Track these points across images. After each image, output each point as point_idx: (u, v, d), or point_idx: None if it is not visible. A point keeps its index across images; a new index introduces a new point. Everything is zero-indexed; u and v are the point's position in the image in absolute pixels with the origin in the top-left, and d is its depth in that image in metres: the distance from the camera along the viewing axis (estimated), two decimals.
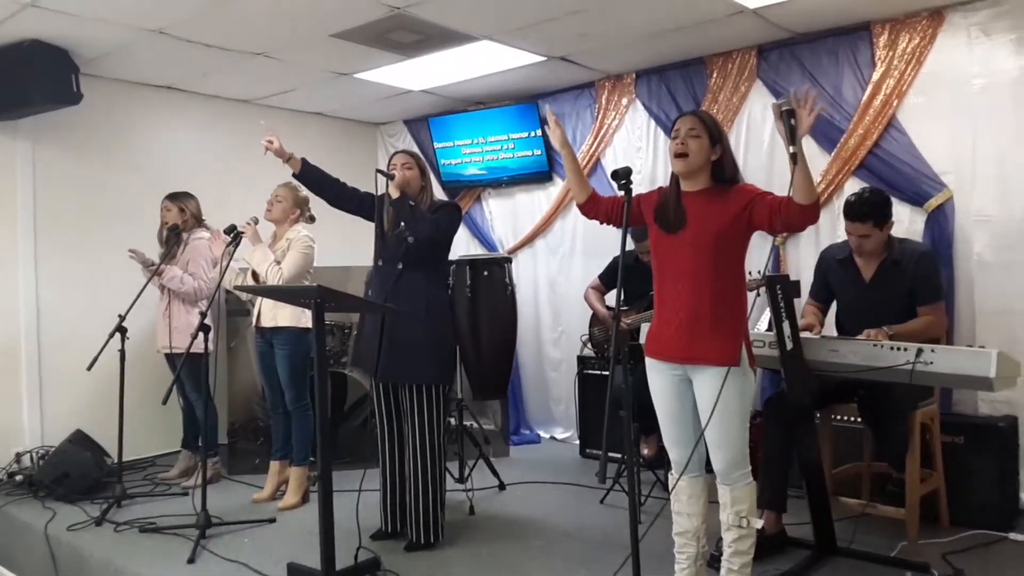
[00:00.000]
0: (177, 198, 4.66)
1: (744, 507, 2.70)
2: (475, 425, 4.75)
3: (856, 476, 3.78)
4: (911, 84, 4.13)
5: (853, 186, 4.16)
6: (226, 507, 4.04)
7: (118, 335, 4.17)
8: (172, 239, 4.60)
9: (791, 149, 2.42)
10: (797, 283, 3.55)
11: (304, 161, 3.62)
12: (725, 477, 2.70)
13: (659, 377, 2.78)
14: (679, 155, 2.67)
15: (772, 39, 4.55)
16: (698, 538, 2.80)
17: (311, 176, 3.63)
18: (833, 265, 3.54)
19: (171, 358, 4.60)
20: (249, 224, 4.03)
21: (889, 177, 4.16)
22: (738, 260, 2.72)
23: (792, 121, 2.44)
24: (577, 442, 5.32)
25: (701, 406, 2.68)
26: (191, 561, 3.41)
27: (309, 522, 3.57)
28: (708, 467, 2.79)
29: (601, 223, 3.04)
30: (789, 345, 2.92)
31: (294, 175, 3.65)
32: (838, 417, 3.78)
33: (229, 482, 4.69)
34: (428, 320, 3.45)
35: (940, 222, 4.02)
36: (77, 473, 4.35)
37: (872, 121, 4.21)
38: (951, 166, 4.02)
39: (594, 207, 2.98)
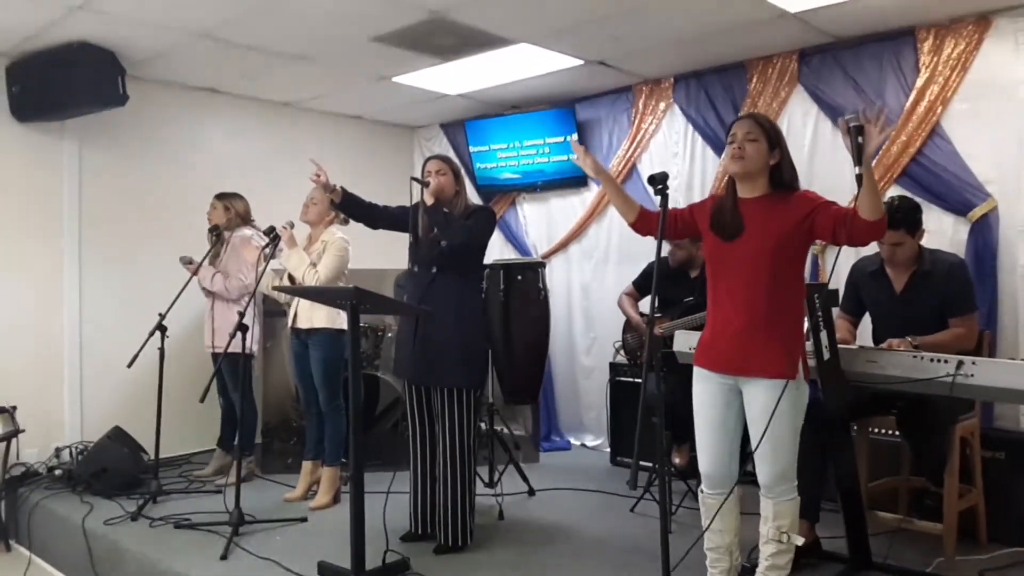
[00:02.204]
0: (224, 197, 4.73)
1: (786, 522, 2.65)
2: (506, 430, 4.74)
3: (893, 490, 3.71)
4: (956, 91, 4.05)
5: (895, 195, 4.08)
6: (259, 505, 4.09)
7: (158, 333, 4.24)
8: (213, 238, 4.67)
9: (857, 170, 2.35)
10: (836, 292, 3.48)
11: (344, 191, 3.66)
12: (769, 490, 2.65)
13: (706, 385, 2.71)
14: (736, 158, 2.61)
15: (814, 43, 4.49)
16: (731, 552, 2.76)
17: (350, 204, 3.68)
18: (864, 278, 3.48)
19: (215, 357, 4.67)
20: (285, 228, 4.08)
21: (932, 186, 4.08)
22: (797, 270, 2.65)
23: (860, 139, 2.36)
24: (608, 450, 5.29)
25: (751, 417, 2.62)
26: (224, 557, 3.45)
27: (340, 522, 3.59)
28: (743, 479, 2.76)
29: (657, 238, 2.98)
30: (826, 355, 2.87)
31: (334, 203, 3.70)
32: (875, 430, 3.72)
33: (262, 481, 4.74)
34: (461, 324, 3.45)
35: (984, 232, 3.93)
36: (115, 469, 4.43)
37: (915, 128, 4.13)
38: (996, 175, 3.93)
39: (646, 223, 2.88)
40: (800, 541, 2.70)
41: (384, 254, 5.10)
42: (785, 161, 2.63)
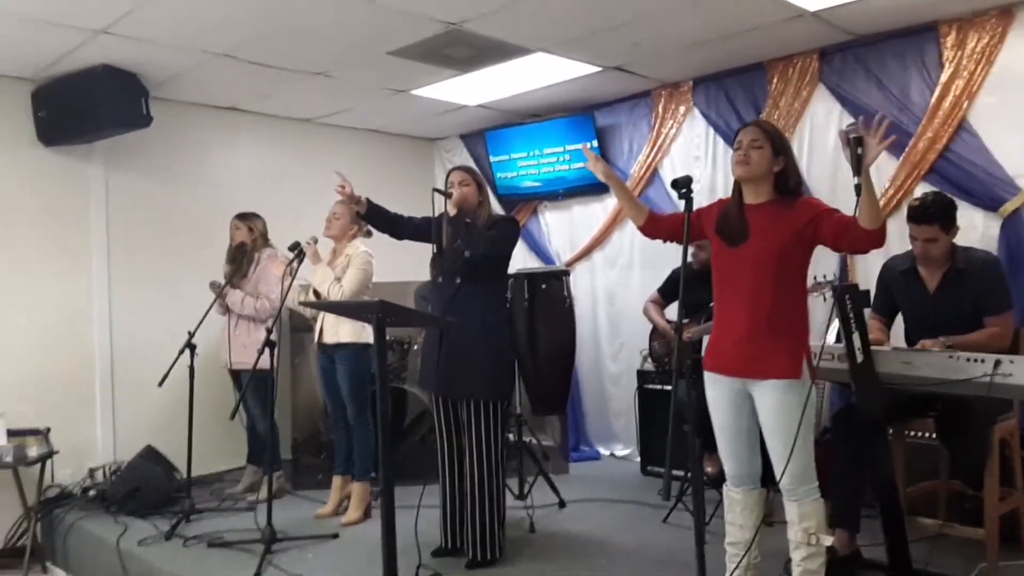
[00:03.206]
0: (246, 218, 4.77)
1: (812, 523, 2.64)
2: (534, 441, 4.72)
3: (932, 494, 3.63)
4: (981, 84, 3.98)
5: (928, 191, 4.02)
6: (290, 522, 4.10)
7: (187, 352, 4.27)
8: (239, 257, 4.69)
9: (856, 180, 2.37)
10: (867, 292, 3.42)
11: (368, 202, 3.68)
12: (791, 493, 2.65)
13: (717, 389, 2.76)
14: (741, 163, 2.66)
15: (834, 42, 4.44)
16: (749, 549, 2.78)
17: (375, 214, 3.70)
18: (896, 277, 3.41)
19: (236, 375, 4.69)
20: (309, 243, 4.10)
21: (961, 181, 4.01)
22: (800, 274, 2.69)
23: (859, 150, 2.38)
24: (638, 459, 5.23)
25: (763, 420, 2.66)
26: (257, 575, 3.46)
27: (371, 537, 3.58)
28: (763, 481, 2.78)
29: (664, 241, 3.01)
30: (860, 357, 2.83)
31: (358, 214, 3.71)
32: (912, 433, 3.64)
33: (293, 497, 4.76)
34: (486, 335, 3.44)
35: (1017, 227, 3.86)
36: (148, 488, 4.46)
37: (942, 124, 4.07)
38: None
39: (654, 227, 2.96)
40: (829, 542, 2.69)
41: (406, 266, 5.11)
42: (790, 167, 2.68)
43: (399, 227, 3.72)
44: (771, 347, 2.60)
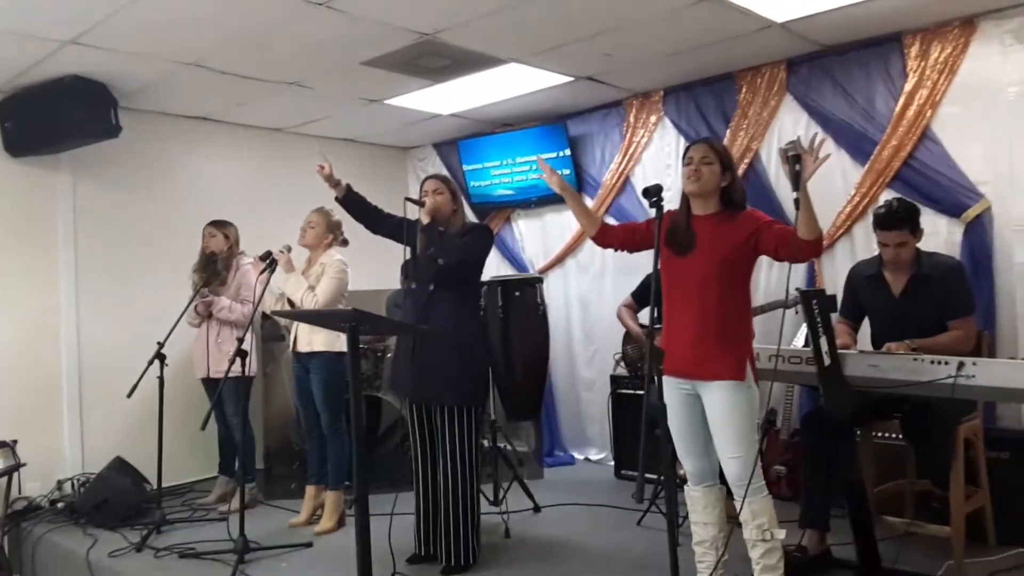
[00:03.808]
0: (221, 225, 4.74)
1: (765, 520, 2.73)
2: (509, 447, 4.73)
3: (899, 494, 3.70)
4: (944, 94, 4.07)
5: (892, 197, 4.10)
6: (263, 532, 4.06)
7: (157, 362, 4.23)
8: (211, 265, 4.65)
9: (795, 194, 2.51)
10: (833, 297, 3.50)
11: (348, 187, 3.68)
12: (740, 490, 2.73)
13: (671, 392, 2.87)
14: (692, 179, 2.80)
15: (802, 52, 4.51)
16: (716, 547, 2.86)
17: (352, 202, 3.70)
18: (862, 281, 3.49)
19: (212, 384, 4.65)
20: (283, 252, 4.08)
21: (925, 188, 4.09)
22: (743, 282, 2.84)
23: (797, 167, 2.51)
24: (612, 463, 5.27)
25: (711, 419, 2.78)
26: None
27: (346, 546, 3.57)
28: (723, 478, 2.85)
29: (616, 250, 3.17)
30: (827, 360, 2.89)
31: (337, 199, 3.70)
32: (879, 434, 3.71)
33: (266, 507, 4.72)
34: (459, 341, 3.45)
35: (979, 233, 3.95)
36: (117, 499, 4.40)
37: (906, 132, 4.15)
38: (988, 176, 3.95)
39: (607, 237, 3.11)
40: (782, 535, 2.76)
41: (375, 275, 5.10)
42: (736, 183, 2.84)
43: (377, 220, 3.71)
44: (717, 350, 2.73)
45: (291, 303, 4.18)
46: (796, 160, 2.51)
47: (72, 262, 4.97)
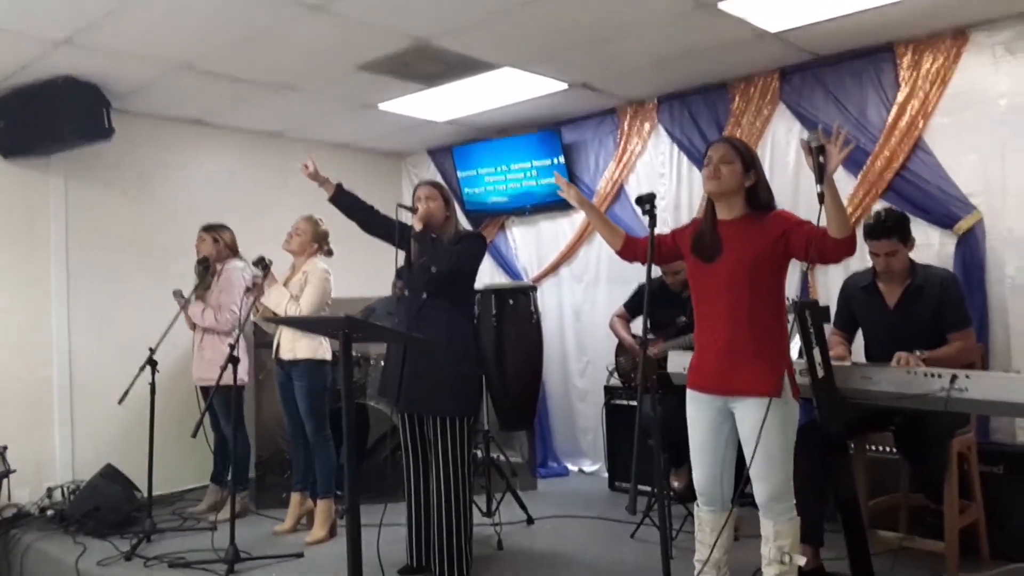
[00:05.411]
0: (212, 229, 4.71)
1: (787, 542, 2.65)
2: (502, 457, 4.70)
3: (893, 508, 3.69)
4: (936, 105, 4.08)
5: (880, 208, 4.10)
6: (254, 541, 4.04)
7: (148, 369, 4.20)
8: (201, 270, 4.63)
9: (819, 188, 2.39)
10: (826, 308, 3.49)
11: (338, 186, 3.66)
12: (768, 510, 2.66)
13: (698, 408, 2.75)
14: (711, 178, 2.67)
15: (794, 62, 4.52)
16: (718, 567, 2.78)
17: (344, 200, 3.67)
18: (856, 293, 3.48)
19: (205, 390, 4.62)
20: (260, 277, 4.10)
21: (917, 199, 4.10)
22: (777, 287, 2.69)
23: (821, 158, 2.40)
24: (606, 475, 5.24)
25: (743, 436, 2.64)
26: None
27: (336, 556, 3.55)
28: (742, 500, 2.76)
29: (643, 263, 2.99)
30: (821, 372, 2.87)
31: (328, 199, 3.68)
32: (873, 447, 3.70)
33: (256, 516, 4.68)
34: (452, 350, 3.42)
35: (971, 244, 3.95)
36: (107, 507, 4.37)
37: (898, 143, 4.16)
38: (980, 187, 3.96)
39: (633, 251, 2.95)
40: (802, 561, 2.69)
41: (355, 284, 5.06)
42: (761, 182, 2.70)
43: (371, 219, 3.67)
44: (751, 363, 2.59)
45: (274, 314, 4.15)
46: (820, 151, 2.39)
47: (63, 265, 4.95)
